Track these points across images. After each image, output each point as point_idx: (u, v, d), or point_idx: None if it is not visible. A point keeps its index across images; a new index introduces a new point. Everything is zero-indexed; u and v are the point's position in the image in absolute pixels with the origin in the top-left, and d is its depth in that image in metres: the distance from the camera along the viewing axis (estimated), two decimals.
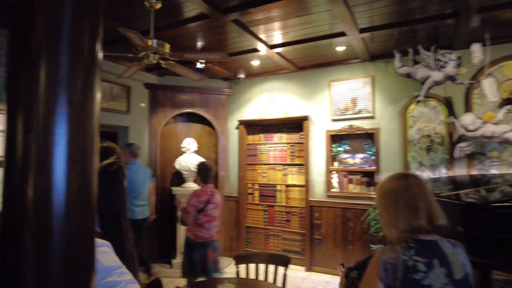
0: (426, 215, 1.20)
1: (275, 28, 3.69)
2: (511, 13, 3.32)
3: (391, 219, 1.22)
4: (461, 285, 1.12)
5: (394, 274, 1.11)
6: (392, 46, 4.13)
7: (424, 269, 1.10)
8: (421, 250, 1.14)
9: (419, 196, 1.22)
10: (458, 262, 1.15)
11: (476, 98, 4.05)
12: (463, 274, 1.14)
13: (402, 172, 1.36)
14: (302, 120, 4.97)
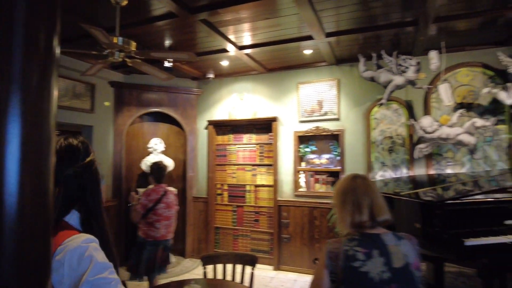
0: (369, 212, 1.33)
1: (244, 29, 3.72)
2: (463, 24, 3.56)
3: (341, 216, 1.38)
4: (399, 273, 1.23)
5: (336, 262, 1.25)
6: (357, 51, 4.29)
7: (362, 258, 1.24)
8: (363, 242, 1.28)
9: (363, 196, 1.36)
10: (399, 252, 1.27)
11: (433, 102, 4.29)
12: (403, 263, 1.25)
13: (353, 174, 1.48)
14: (271, 121, 5.03)
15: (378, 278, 1.21)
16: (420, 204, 2.58)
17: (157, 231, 3.23)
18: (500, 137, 4.05)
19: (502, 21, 3.48)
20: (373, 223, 1.33)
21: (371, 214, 1.34)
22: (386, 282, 1.21)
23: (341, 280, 1.24)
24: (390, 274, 1.22)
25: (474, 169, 4.10)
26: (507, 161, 4.01)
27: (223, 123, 5.40)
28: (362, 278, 1.22)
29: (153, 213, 3.21)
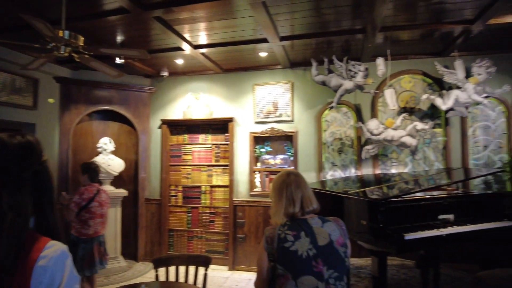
0: (300, 204, 1.56)
1: (200, 29, 3.69)
2: (406, 35, 3.84)
3: (277, 209, 1.59)
4: (324, 249, 1.47)
5: (272, 244, 1.48)
6: (310, 55, 4.45)
7: (292, 239, 1.47)
8: (293, 226, 1.51)
9: (296, 190, 1.59)
10: (323, 233, 1.50)
11: (380, 106, 4.58)
12: (327, 241, 1.49)
13: (287, 171, 1.71)
14: (228, 121, 5.04)
15: (305, 255, 1.44)
16: (366, 202, 2.74)
17: (90, 228, 3.32)
18: (437, 140, 4.43)
19: (438, 34, 3.81)
20: (303, 213, 1.56)
21: (301, 206, 1.56)
22: (312, 257, 1.44)
23: (277, 259, 1.46)
24: (315, 251, 1.45)
25: (415, 168, 4.44)
26: (443, 161, 4.40)
27: (178, 122, 5.31)
28: (292, 256, 1.44)
29: (86, 211, 3.29)
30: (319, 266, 1.43)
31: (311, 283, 1.41)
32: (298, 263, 1.42)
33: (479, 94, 3.93)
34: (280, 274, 1.44)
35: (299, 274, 1.41)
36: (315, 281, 1.41)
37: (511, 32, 3.73)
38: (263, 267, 1.51)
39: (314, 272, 1.42)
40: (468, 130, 4.34)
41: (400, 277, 3.69)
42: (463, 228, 2.80)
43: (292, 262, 1.43)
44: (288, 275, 1.42)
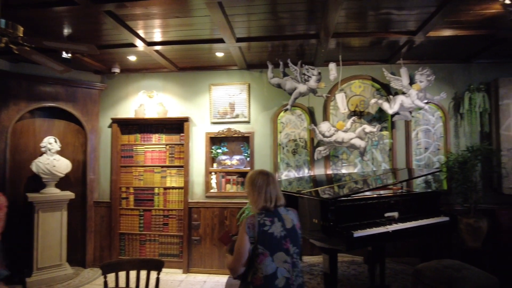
0: (274, 200, 1.93)
1: (154, 26, 3.58)
2: (357, 41, 4.04)
3: (255, 201, 1.95)
4: (290, 231, 1.90)
5: (253, 229, 1.83)
6: (266, 58, 4.51)
7: (269, 224, 1.85)
8: (268, 214, 1.89)
9: (272, 190, 1.94)
10: (288, 218, 1.93)
11: (332, 109, 4.77)
12: (291, 225, 1.92)
13: (265, 171, 2.03)
14: (183, 121, 4.94)
15: (279, 235, 1.84)
16: (317, 201, 2.84)
17: None
18: (384, 142, 4.71)
19: (385, 42, 4.05)
20: (275, 206, 1.94)
21: (275, 202, 1.94)
22: (283, 237, 1.85)
23: (257, 241, 1.82)
24: (285, 232, 1.87)
25: (363, 169, 4.68)
26: (389, 162, 4.69)
27: (130, 121, 5.10)
28: (270, 237, 1.83)
29: None
30: (287, 244, 1.84)
31: (282, 257, 1.81)
32: (274, 242, 1.82)
33: (421, 100, 4.25)
34: (260, 253, 1.80)
35: (275, 251, 1.81)
36: (285, 256, 1.82)
37: (447, 44, 4.08)
38: (244, 249, 1.82)
39: (284, 248, 1.83)
40: (412, 133, 4.67)
41: (350, 273, 3.86)
42: (406, 224, 3.00)
43: (270, 242, 1.81)
44: (266, 253, 1.80)
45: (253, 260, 1.81)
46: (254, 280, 1.80)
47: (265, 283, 1.76)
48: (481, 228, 4.03)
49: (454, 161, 4.25)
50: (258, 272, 1.79)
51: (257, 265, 1.79)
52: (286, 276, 1.79)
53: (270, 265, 1.78)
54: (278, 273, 1.78)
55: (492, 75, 4.61)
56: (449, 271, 2.48)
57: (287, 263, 1.81)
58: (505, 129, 4.43)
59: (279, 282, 1.77)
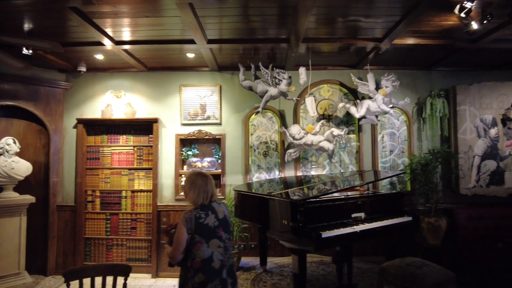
0: (210, 197, 2.23)
1: (123, 24, 3.49)
2: (326, 47, 4.15)
3: (195, 199, 2.20)
4: (222, 221, 2.22)
5: (190, 222, 2.12)
6: (238, 60, 4.52)
7: (204, 217, 2.15)
8: (203, 208, 2.19)
9: (209, 188, 2.24)
10: (220, 211, 2.24)
11: (301, 113, 4.86)
12: (223, 215, 2.24)
13: (201, 172, 2.34)
14: (152, 122, 4.84)
15: (213, 225, 2.16)
16: (287, 203, 2.88)
17: None
18: (351, 145, 4.86)
19: (353, 48, 4.19)
20: (209, 202, 2.24)
21: (210, 198, 2.24)
22: (217, 227, 2.18)
23: (194, 231, 2.11)
24: (218, 222, 2.19)
25: (332, 171, 4.80)
26: (356, 164, 4.84)
27: (96, 122, 4.93)
28: (205, 227, 2.14)
29: None
30: (220, 232, 2.18)
31: (216, 243, 2.15)
32: (209, 231, 2.14)
33: (387, 104, 4.43)
34: (197, 241, 2.11)
35: (210, 238, 2.13)
36: (218, 242, 2.16)
37: (410, 52, 4.28)
38: (183, 239, 2.11)
39: (218, 236, 2.17)
40: (378, 136, 4.85)
41: (319, 273, 3.94)
42: (372, 224, 3.12)
43: (205, 231, 2.13)
44: (203, 241, 2.11)
45: (191, 247, 2.11)
46: (193, 264, 2.11)
47: (203, 265, 2.09)
48: (441, 227, 4.25)
49: (417, 163, 4.46)
50: (196, 257, 2.10)
51: (195, 251, 2.10)
52: (220, 259, 2.14)
53: (206, 250, 2.10)
54: (213, 256, 2.12)
55: (451, 82, 4.90)
56: (411, 268, 2.60)
57: (221, 248, 2.16)
58: (462, 133, 4.71)
59: (215, 264, 2.11)
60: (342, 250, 3.34)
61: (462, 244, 4.45)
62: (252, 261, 4.41)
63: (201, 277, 2.08)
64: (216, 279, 2.09)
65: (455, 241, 4.48)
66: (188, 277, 2.12)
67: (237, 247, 4.21)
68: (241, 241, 4.42)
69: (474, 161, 4.69)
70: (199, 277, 2.08)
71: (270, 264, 4.28)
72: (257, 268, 4.13)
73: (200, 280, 2.08)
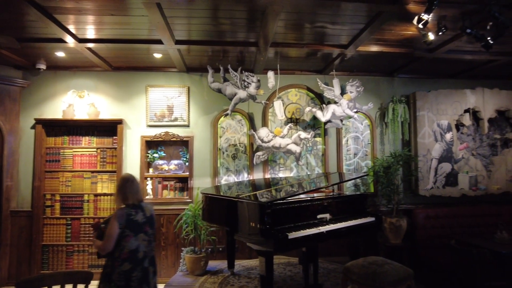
0: (137, 198, 2.54)
1: (87, 22, 3.37)
2: (294, 52, 4.23)
3: (126, 198, 2.50)
4: (148, 218, 2.53)
5: (122, 218, 2.39)
6: (206, 62, 4.50)
7: (134, 214, 2.45)
8: (133, 207, 2.48)
9: (138, 189, 2.58)
10: (147, 209, 2.57)
11: (270, 116, 4.92)
12: (150, 213, 2.56)
13: (130, 176, 2.62)
14: (116, 123, 4.69)
15: (141, 221, 2.47)
16: (254, 205, 2.89)
17: None
18: (317, 148, 4.98)
19: (320, 54, 4.31)
20: (138, 201, 2.55)
21: (138, 199, 2.55)
22: (144, 223, 2.49)
23: (125, 226, 2.39)
24: (145, 219, 2.51)
25: (299, 173, 4.89)
26: (322, 166, 4.96)
27: (57, 122, 4.69)
28: (135, 223, 2.44)
29: None
30: (147, 227, 2.50)
31: (143, 237, 2.47)
32: (138, 226, 2.45)
33: (351, 109, 4.58)
34: (127, 235, 2.40)
35: (138, 232, 2.44)
36: (144, 236, 2.48)
37: (374, 59, 4.47)
38: (115, 233, 2.38)
39: (144, 231, 2.49)
40: (342, 139, 5.01)
41: (286, 274, 3.98)
42: (337, 225, 3.20)
43: (135, 226, 2.43)
44: (132, 234, 2.41)
45: (121, 240, 2.40)
46: (121, 254, 2.40)
47: (130, 255, 2.41)
48: (402, 227, 4.45)
49: (380, 166, 4.64)
50: (124, 248, 2.40)
51: (124, 243, 2.40)
52: (144, 250, 2.47)
53: (134, 243, 2.41)
54: (139, 248, 2.44)
55: (411, 89, 5.16)
56: (373, 267, 2.70)
57: (145, 241, 2.48)
58: (421, 137, 4.97)
59: (139, 254, 2.45)
60: (308, 251, 3.40)
61: (420, 242, 4.69)
62: (219, 264, 4.38)
63: (127, 265, 2.39)
64: (138, 267, 2.44)
65: (415, 239, 4.72)
66: (116, 266, 2.39)
67: (205, 250, 4.16)
68: (208, 245, 4.38)
69: (431, 163, 4.96)
70: (126, 266, 2.39)
71: (238, 267, 4.27)
72: (224, 271, 4.11)
73: (126, 268, 2.39)
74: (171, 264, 4.65)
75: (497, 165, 5.09)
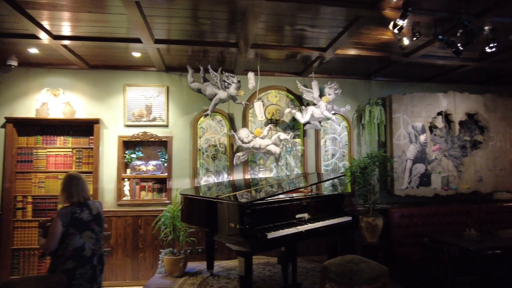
0: (83, 196, 2.63)
1: (63, 18, 3.28)
2: (274, 54, 4.27)
3: (71, 197, 2.58)
4: (95, 216, 2.61)
5: (66, 216, 2.46)
6: (186, 62, 4.46)
7: (79, 212, 2.52)
8: (78, 205, 2.55)
9: (84, 187, 2.66)
10: (94, 207, 2.64)
11: (250, 117, 4.93)
12: (97, 211, 2.63)
13: (76, 174, 2.69)
14: (93, 123, 4.57)
15: (87, 219, 2.54)
16: (234, 205, 2.90)
17: None
18: (296, 148, 5.04)
19: (300, 56, 4.37)
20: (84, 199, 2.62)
21: (84, 197, 2.62)
22: (90, 221, 2.56)
23: (69, 224, 2.46)
24: (92, 217, 2.58)
25: (279, 173, 4.93)
26: (301, 167, 5.03)
27: (29, 121, 4.52)
28: (80, 221, 2.50)
29: None
30: (93, 225, 2.55)
31: (89, 234, 2.53)
32: (83, 225, 2.50)
33: (329, 111, 4.67)
34: (71, 233, 2.46)
35: (83, 230, 2.50)
36: (91, 233, 2.54)
37: (352, 62, 4.57)
38: (58, 232, 2.43)
39: (91, 228, 2.55)
40: (321, 141, 5.09)
41: (265, 274, 4.01)
42: (315, 224, 3.25)
43: (80, 224, 2.49)
44: (76, 232, 2.46)
45: (65, 238, 2.45)
46: (65, 253, 2.44)
47: (74, 254, 2.45)
48: (378, 226, 4.57)
49: (357, 167, 4.75)
50: (68, 247, 2.45)
51: (68, 241, 2.45)
52: (92, 248, 2.51)
53: (79, 241, 2.46)
54: (85, 246, 2.50)
55: (388, 92, 5.32)
56: (350, 265, 2.76)
57: (92, 239, 2.54)
58: (396, 138, 5.13)
59: (86, 252, 2.48)
60: (287, 251, 3.43)
61: (396, 240, 4.83)
62: (199, 265, 4.35)
63: (71, 263, 2.44)
64: (87, 265, 2.48)
65: (390, 238, 4.86)
66: (59, 263, 2.45)
67: (183, 252, 4.13)
68: (187, 246, 4.34)
69: (406, 164, 5.12)
70: (69, 264, 2.44)
71: (218, 267, 4.26)
72: (204, 273, 4.09)
73: (70, 266, 2.43)
74: (149, 266, 4.58)
75: (467, 166, 5.32)
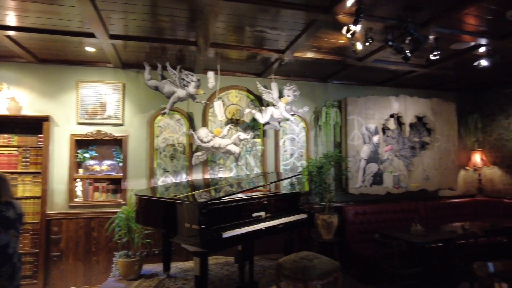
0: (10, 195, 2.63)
1: (7, 7, 3.06)
2: (235, 54, 4.28)
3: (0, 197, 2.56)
4: (18, 215, 2.60)
5: None
6: (144, 58, 4.35)
7: (6, 210, 2.50)
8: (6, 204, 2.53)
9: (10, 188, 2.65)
10: (18, 207, 2.62)
11: (210, 116, 4.91)
12: (20, 211, 2.62)
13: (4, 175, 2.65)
14: (42, 120, 4.31)
15: (13, 218, 2.53)
16: (190, 205, 2.88)
17: None
18: (256, 148, 5.10)
19: (260, 58, 4.42)
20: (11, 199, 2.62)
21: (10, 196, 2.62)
22: (15, 220, 2.55)
23: None
24: (16, 216, 2.57)
25: (238, 173, 4.95)
26: (261, 167, 5.09)
27: None
28: (7, 219, 2.49)
29: None
30: (17, 224, 2.58)
31: (13, 233, 2.53)
32: (9, 223, 2.51)
33: (288, 112, 4.78)
34: None
35: (9, 228, 2.51)
36: (15, 232, 2.55)
37: (309, 65, 4.71)
38: None
39: (15, 227, 2.56)
40: (280, 141, 5.19)
41: (223, 274, 4.01)
42: (271, 223, 3.32)
43: (6, 222, 2.49)
44: (2, 230, 2.45)
45: None
46: None
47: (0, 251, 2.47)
48: (333, 223, 4.74)
49: (313, 166, 4.90)
50: None
51: None
52: (14, 246, 2.56)
53: (4, 238, 2.47)
54: (10, 243, 2.52)
55: (343, 94, 5.54)
56: (304, 262, 2.85)
57: (15, 237, 2.58)
58: (351, 139, 5.35)
59: (10, 249, 2.51)
60: (244, 249, 3.46)
61: (350, 237, 5.05)
62: (155, 267, 4.26)
63: None
64: (9, 263, 2.49)
65: (345, 235, 5.06)
66: None
67: (139, 254, 4.02)
68: (143, 248, 4.24)
69: (360, 164, 5.37)
70: None
71: (175, 269, 4.19)
72: (160, 275, 4.01)
73: None
74: (103, 270, 4.41)
75: (416, 165, 5.68)
